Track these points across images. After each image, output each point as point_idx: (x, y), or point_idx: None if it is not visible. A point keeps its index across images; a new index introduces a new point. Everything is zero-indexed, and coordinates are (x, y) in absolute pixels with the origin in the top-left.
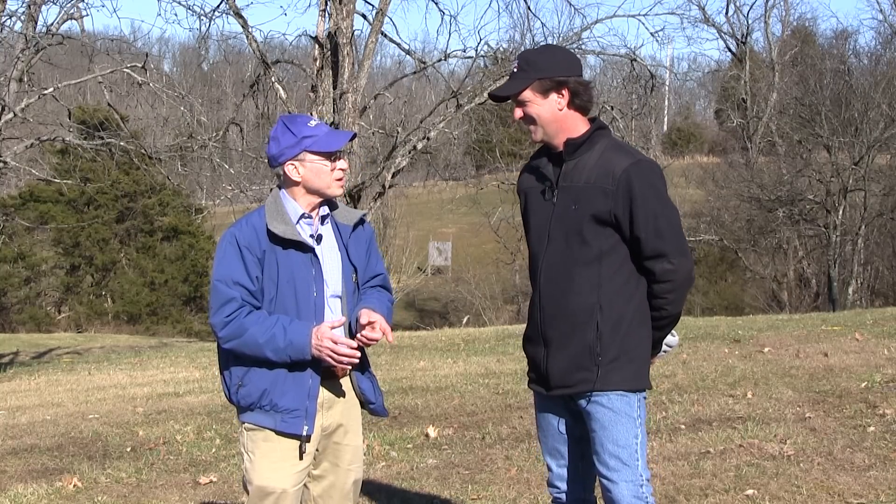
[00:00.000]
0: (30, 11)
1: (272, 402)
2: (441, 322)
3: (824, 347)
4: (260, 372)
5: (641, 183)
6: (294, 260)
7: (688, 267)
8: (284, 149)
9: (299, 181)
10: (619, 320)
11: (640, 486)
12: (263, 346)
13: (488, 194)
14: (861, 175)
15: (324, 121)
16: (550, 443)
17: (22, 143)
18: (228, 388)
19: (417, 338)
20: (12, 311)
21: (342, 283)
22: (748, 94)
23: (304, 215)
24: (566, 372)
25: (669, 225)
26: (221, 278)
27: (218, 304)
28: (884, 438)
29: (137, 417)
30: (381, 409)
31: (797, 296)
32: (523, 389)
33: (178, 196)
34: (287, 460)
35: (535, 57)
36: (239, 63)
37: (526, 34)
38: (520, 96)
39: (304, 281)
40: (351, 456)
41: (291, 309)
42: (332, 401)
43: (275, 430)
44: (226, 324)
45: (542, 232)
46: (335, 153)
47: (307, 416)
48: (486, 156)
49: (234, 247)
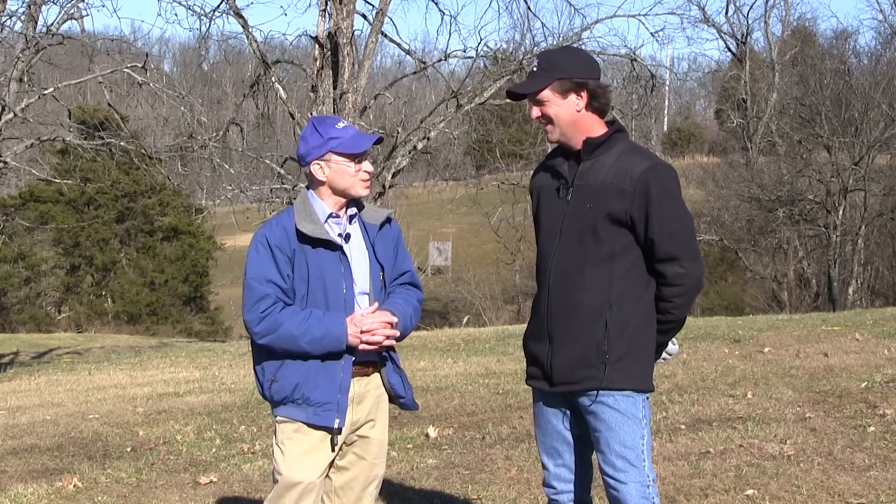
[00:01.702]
0: (30, 11)
1: (304, 395)
2: (441, 322)
3: (824, 347)
4: (292, 366)
5: (659, 186)
6: (323, 258)
7: (699, 272)
8: (311, 148)
9: (325, 181)
10: (628, 320)
11: (647, 486)
12: (299, 337)
13: (488, 194)
14: (861, 175)
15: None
16: (549, 441)
17: (22, 143)
18: (262, 384)
19: (417, 338)
20: (12, 311)
21: (370, 281)
22: (748, 94)
23: (332, 214)
24: (571, 368)
25: (683, 229)
26: (254, 276)
27: (252, 301)
28: (884, 438)
29: (137, 417)
30: (411, 402)
31: (797, 296)
32: (523, 389)
33: (179, 196)
34: (316, 452)
35: (556, 57)
36: (239, 63)
37: (526, 34)
38: (538, 95)
39: (334, 278)
40: (377, 450)
41: (322, 305)
42: (363, 395)
43: (307, 423)
44: (261, 319)
45: (554, 229)
46: (360, 155)
47: (339, 409)
48: (486, 156)
49: (265, 246)
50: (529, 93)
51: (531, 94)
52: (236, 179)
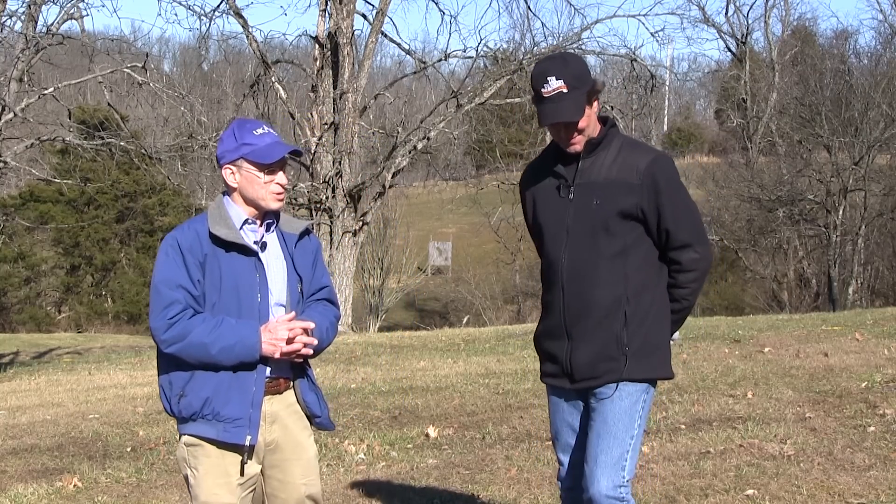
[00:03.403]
0: (30, 11)
1: (214, 410)
2: (441, 322)
3: (824, 347)
4: (202, 380)
5: (666, 177)
6: (237, 264)
7: (710, 255)
8: (225, 151)
9: (236, 187)
10: (646, 312)
11: (620, 486)
12: (210, 345)
13: (488, 194)
14: (861, 175)
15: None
16: (564, 438)
17: (22, 143)
18: (168, 398)
19: (417, 338)
20: (12, 311)
21: (287, 292)
22: (748, 94)
23: (248, 221)
24: (592, 364)
25: (692, 215)
26: (163, 280)
27: (161, 307)
28: (884, 438)
29: (137, 417)
30: (327, 422)
31: (797, 296)
32: (524, 389)
33: (179, 196)
34: (232, 475)
35: (576, 70)
36: (239, 63)
37: (526, 34)
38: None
39: (248, 286)
40: (302, 470)
41: (234, 314)
42: (275, 415)
43: (217, 441)
44: (169, 325)
45: (560, 228)
46: (272, 165)
47: (251, 424)
48: (486, 156)
49: (176, 250)
50: (579, 118)
51: (580, 117)
52: None
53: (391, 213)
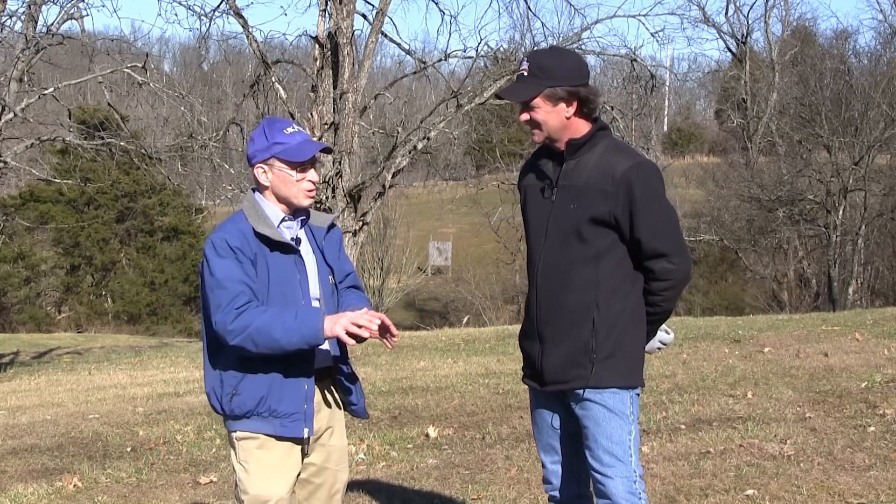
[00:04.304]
0: (30, 11)
1: (270, 408)
2: (441, 322)
3: (824, 347)
4: (255, 379)
5: (641, 185)
6: (281, 262)
7: (687, 266)
8: (256, 151)
9: (268, 186)
10: (616, 319)
11: (634, 482)
12: (273, 328)
13: (488, 194)
14: (861, 175)
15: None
16: (545, 439)
17: (22, 143)
18: (219, 398)
19: (417, 338)
20: (12, 311)
21: (319, 286)
22: (748, 94)
23: (285, 218)
24: (561, 368)
25: (668, 226)
26: (227, 277)
27: (227, 300)
28: (884, 438)
29: (137, 417)
30: (362, 410)
31: (797, 296)
32: (523, 389)
33: (179, 196)
34: (282, 466)
35: (549, 63)
36: (239, 63)
37: (526, 34)
38: (530, 102)
39: (292, 283)
40: (338, 456)
41: None
42: (320, 404)
43: (275, 436)
44: (237, 316)
45: (540, 229)
46: (304, 163)
47: (306, 418)
48: (486, 156)
49: (227, 250)
50: (521, 100)
51: (523, 102)
52: (236, 179)
53: (391, 213)
